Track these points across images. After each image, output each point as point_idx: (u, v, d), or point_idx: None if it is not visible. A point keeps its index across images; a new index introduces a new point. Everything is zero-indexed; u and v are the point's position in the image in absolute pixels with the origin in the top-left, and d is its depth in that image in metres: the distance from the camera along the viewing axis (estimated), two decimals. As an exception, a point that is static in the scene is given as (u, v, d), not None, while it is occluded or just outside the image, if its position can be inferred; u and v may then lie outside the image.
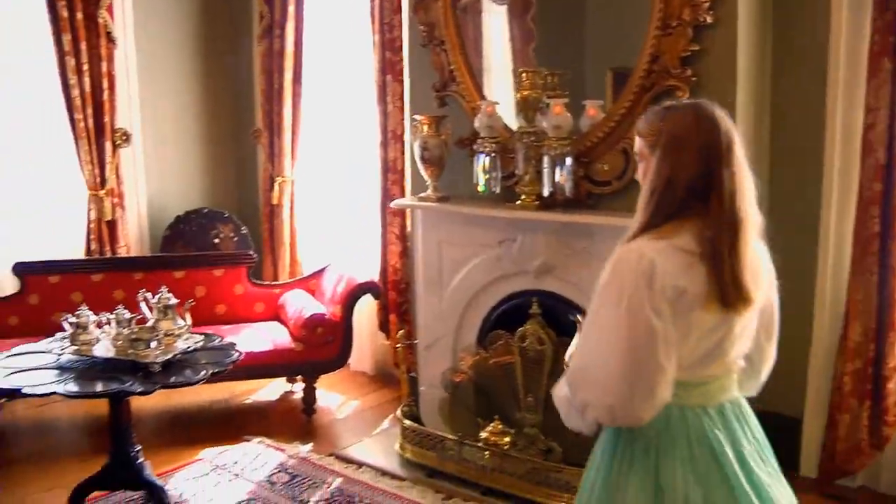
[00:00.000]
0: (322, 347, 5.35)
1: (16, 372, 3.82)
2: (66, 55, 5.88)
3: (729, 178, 2.06)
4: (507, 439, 4.39)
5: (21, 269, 5.63)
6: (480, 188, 4.53)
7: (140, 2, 6.44)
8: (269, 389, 6.03)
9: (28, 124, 6.07)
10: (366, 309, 5.95)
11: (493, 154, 4.50)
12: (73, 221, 6.21)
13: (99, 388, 3.72)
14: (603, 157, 4.35)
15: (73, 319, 3.96)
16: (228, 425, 5.40)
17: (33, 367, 3.89)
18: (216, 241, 6.49)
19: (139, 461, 4.04)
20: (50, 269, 5.67)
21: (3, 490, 4.58)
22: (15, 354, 4.08)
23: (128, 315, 3.95)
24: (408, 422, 4.79)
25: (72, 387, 3.67)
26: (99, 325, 4.00)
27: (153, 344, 3.82)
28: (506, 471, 4.31)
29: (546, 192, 4.36)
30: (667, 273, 2.01)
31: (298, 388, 5.84)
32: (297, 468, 4.74)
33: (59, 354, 3.95)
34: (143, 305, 4.07)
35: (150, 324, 3.96)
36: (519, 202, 4.50)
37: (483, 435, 4.44)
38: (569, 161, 4.26)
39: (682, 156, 2.08)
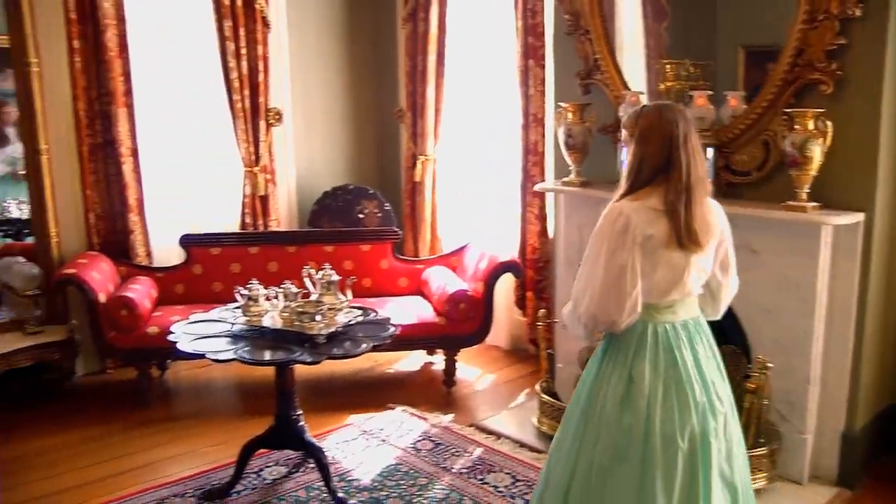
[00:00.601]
0: (464, 322, 5.58)
1: (197, 338, 4.19)
2: (227, 40, 6.26)
3: (684, 159, 2.82)
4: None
5: (187, 241, 6.07)
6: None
7: (292, -12, 6.80)
8: (410, 360, 6.34)
9: (192, 106, 6.50)
10: (503, 286, 6.14)
11: (636, 142, 4.63)
12: (230, 196, 6.64)
13: (269, 356, 4.04)
14: (743, 148, 4.44)
15: (245, 292, 4.29)
16: (372, 393, 5.72)
17: (210, 335, 4.25)
18: (360, 216, 6.79)
19: (300, 424, 4.38)
20: (212, 242, 6.10)
21: (174, 442, 5.03)
22: (193, 322, 4.45)
23: (294, 289, 4.26)
24: (546, 397, 4.99)
25: (248, 354, 4.01)
26: (268, 298, 4.32)
27: (318, 317, 4.12)
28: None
29: (688, 182, 4.47)
30: (638, 225, 2.80)
31: (437, 360, 6.15)
32: (439, 437, 5.01)
33: (233, 324, 4.30)
34: (307, 281, 4.37)
35: (314, 298, 4.25)
36: (660, 189, 4.62)
37: (618, 412, 4.60)
38: (710, 152, 4.36)
39: (650, 144, 2.86)
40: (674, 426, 2.86)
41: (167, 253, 6.29)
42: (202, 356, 4.07)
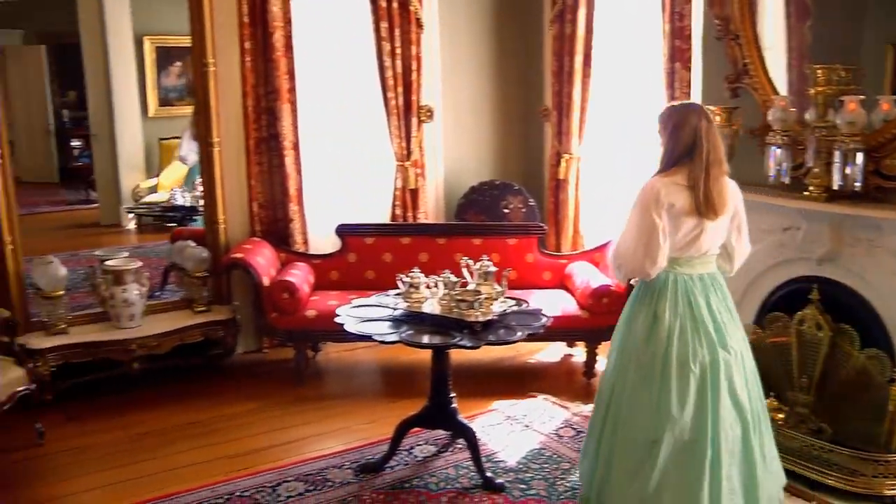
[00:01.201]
0: (606, 316, 5.68)
1: (362, 321, 4.51)
2: (383, 40, 6.63)
3: (706, 145, 3.57)
4: (780, 416, 4.59)
5: (343, 231, 6.46)
6: (770, 178, 4.76)
7: (445, -10, 7.11)
8: (550, 351, 6.55)
9: (349, 103, 6.90)
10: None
11: (784, 146, 4.71)
12: (381, 189, 7.00)
13: (427, 340, 4.32)
14: (895, 153, 4.46)
15: (407, 279, 4.59)
16: (515, 381, 5.96)
17: (373, 318, 4.56)
18: (505, 211, 7.03)
19: (453, 406, 4.66)
20: (367, 231, 6.47)
21: (327, 419, 5.39)
22: (356, 306, 4.77)
23: (453, 278, 4.53)
24: (686, 390, 5.10)
25: (411, 338, 4.29)
26: (428, 286, 4.60)
27: (475, 305, 4.37)
28: (777, 444, 4.48)
29: (836, 186, 4.51)
30: (667, 196, 3.55)
31: (576, 352, 6.33)
32: (580, 425, 5.19)
33: (394, 308, 4.59)
34: (465, 271, 4.64)
35: (471, 287, 4.52)
36: (806, 193, 4.67)
37: (757, 408, 4.70)
38: (860, 157, 4.40)
39: (680, 135, 3.60)
40: (687, 355, 3.60)
41: (322, 241, 6.68)
42: (368, 338, 4.38)
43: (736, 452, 3.65)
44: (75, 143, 7.83)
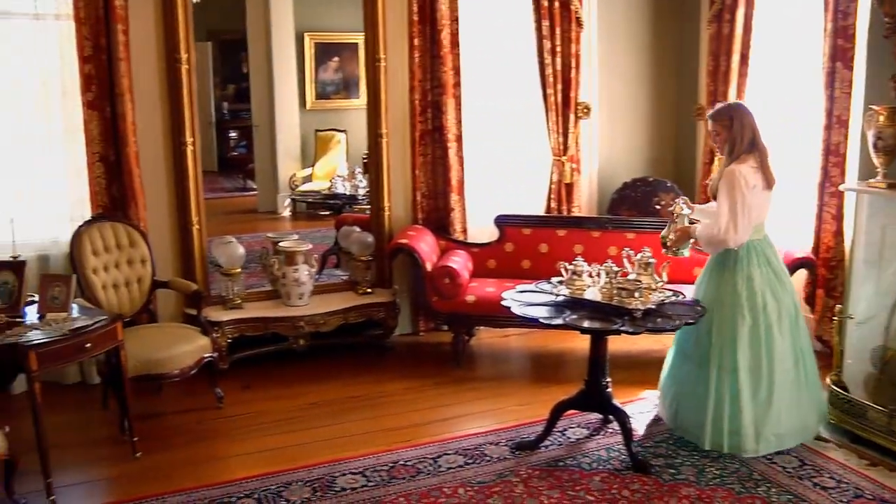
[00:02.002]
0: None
1: (527, 306, 4.74)
2: (544, 39, 6.87)
3: (760, 136, 4.62)
4: (936, 419, 4.59)
5: (501, 221, 6.74)
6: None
7: (604, -10, 7.29)
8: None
9: (509, 98, 7.20)
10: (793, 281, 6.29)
11: (954, 146, 4.72)
12: (537, 182, 7.24)
13: (588, 324, 4.50)
14: None
15: (571, 267, 4.82)
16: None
17: (536, 304, 4.78)
18: (657, 207, 7.16)
19: (608, 390, 4.86)
20: (524, 223, 6.74)
21: (482, 400, 5.69)
22: (520, 292, 5.01)
23: (615, 268, 4.74)
24: (837, 389, 5.14)
25: (575, 322, 4.50)
26: (590, 275, 4.81)
27: (636, 294, 4.57)
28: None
29: None
30: (749, 177, 4.51)
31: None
32: (730, 416, 5.30)
33: (556, 295, 4.81)
34: (626, 261, 4.84)
35: (632, 277, 4.71)
36: (975, 195, 4.67)
37: (914, 411, 4.68)
38: None
39: (745, 130, 4.60)
40: (777, 301, 4.70)
41: (479, 230, 6.97)
42: (533, 321, 4.62)
43: (803, 376, 4.81)
44: (232, 134, 8.37)
